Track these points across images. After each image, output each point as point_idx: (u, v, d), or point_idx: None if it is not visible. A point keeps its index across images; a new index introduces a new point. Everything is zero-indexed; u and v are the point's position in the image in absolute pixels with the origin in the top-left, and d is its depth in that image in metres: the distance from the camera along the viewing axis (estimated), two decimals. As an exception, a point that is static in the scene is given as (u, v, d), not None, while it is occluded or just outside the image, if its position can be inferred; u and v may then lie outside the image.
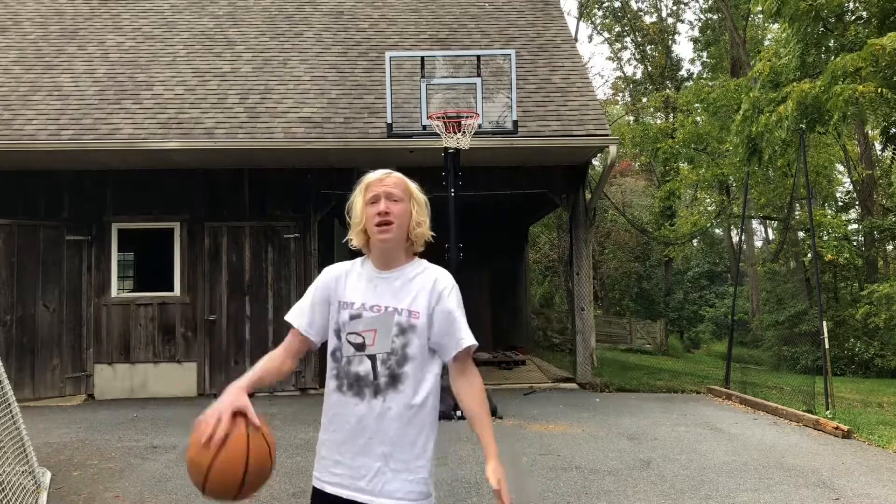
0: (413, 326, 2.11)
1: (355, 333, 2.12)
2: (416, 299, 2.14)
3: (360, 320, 2.12)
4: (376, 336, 2.10)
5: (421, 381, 2.10)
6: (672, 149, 20.24)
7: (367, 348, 2.10)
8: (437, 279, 2.18)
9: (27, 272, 9.63)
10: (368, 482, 2.05)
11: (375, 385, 2.07)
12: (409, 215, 2.16)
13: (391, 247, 2.16)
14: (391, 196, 2.14)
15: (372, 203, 2.14)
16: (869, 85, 9.95)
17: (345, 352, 2.12)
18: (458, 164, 8.15)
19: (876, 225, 18.97)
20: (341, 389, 2.11)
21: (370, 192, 2.16)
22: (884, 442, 6.76)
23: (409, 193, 2.19)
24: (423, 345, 2.11)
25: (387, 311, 2.12)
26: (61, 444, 6.72)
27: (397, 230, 2.13)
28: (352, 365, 2.10)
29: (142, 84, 10.64)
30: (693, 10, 43.16)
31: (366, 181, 2.21)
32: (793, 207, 20.90)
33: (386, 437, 2.05)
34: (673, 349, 26.20)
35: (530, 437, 6.87)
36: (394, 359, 2.09)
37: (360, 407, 2.07)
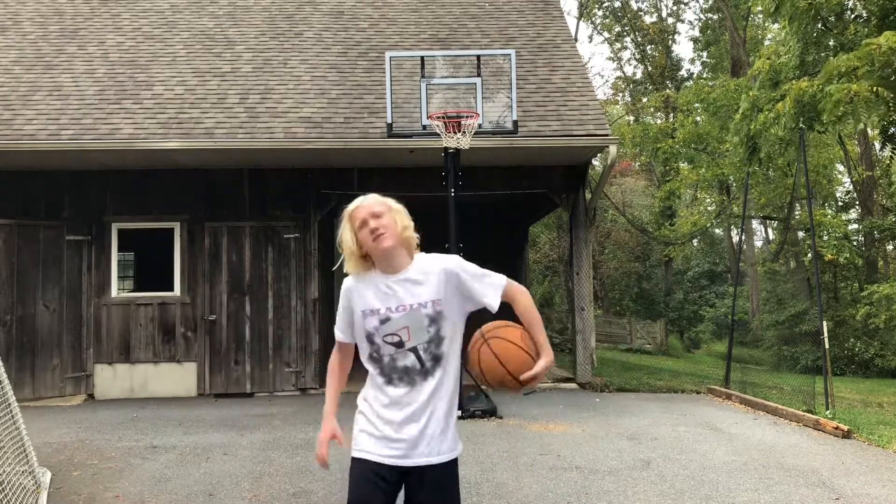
0: (440, 313, 2.44)
1: (391, 334, 2.44)
2: (433, 289, 2.45)
3: (391, 322, 2.44)
4: (410, 332, 2.43)
5: (456, 354, 2.50)
6: (672, 149, 20.24)
7: (405, 344, 2.43)
8: (442, 266, 2.50)
9: (27, 272, 9.64)
10: (426, 446, 2.42)
11: (424, 370, 2.43)
12: (395, 223, 2.46)
13: (392, 252, 2.45)
14: (375, 214, 2.45)
15: (361, 228, 2.45)
16: (863, 84, 9.95)
17: (385, 351, 2.45)
18: (458, 164, 8.15)
19: (876, 225, 18.98)
20: (392, 383, 2.44)
21: (356, 220, 2.47)
22: (884, 442, 6.76)
23: (387, 206, 2.50)
24: (452, 323, 2.47)
25: (412, 308, 2.44)
26: (61, 444, 6.72)
27: (391, 237, 2.43)
28: (397, 361, 2.44)
29: (142, 84, 10.64)
30: (693, 10, 43.22)
31: (347, 214, 2.51)
32: (793, 207, 20.90)
33: (439, 409, 2.44)
34: (673, 349, 26.21)
35: (530, 437, 6.87)
36: (433, 344, 2.43)
37: (414, 391, 2.43)
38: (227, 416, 8.32)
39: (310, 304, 10.14)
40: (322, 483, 5.34)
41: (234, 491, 5.19)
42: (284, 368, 10.05)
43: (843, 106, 10.04)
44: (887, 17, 11.75)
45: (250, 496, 5.07)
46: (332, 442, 2.57)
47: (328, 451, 2.57)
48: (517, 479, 5.39)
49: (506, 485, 5.25)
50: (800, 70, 12.47)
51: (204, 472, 5.73)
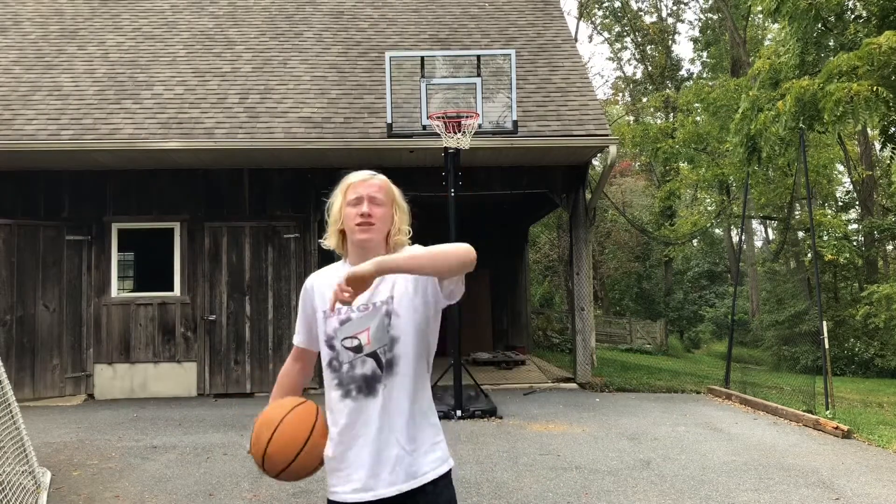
0: (394, 310, 2.08)
1: (349, 337, 2.09)
2: (395, 284, 2.09)
3: (351, 323, 2.09)
4: (370, 334, 2.07)
5: (416, 357, 2.09)
6: (672, 149, 20.23)
7: (364, 348, 2.08)
8: None
9: (27, 272, 9.64)
10: (391, 472, 2.04)
11: (381, 378, 2.07)
12: (390, 220, 2.14)
13: (370, 247, 2.10)
14: (374, 200, 2.11)
15: (354, 204, 2.11)
16: (863, 84, 9.95)
17: (343, 358, 2.09)
18: (458, 164, 8.15)
19: (876, 225, 18.98)
20: (351, 395, 2.07)
21: (353, 193, 2.12)
22: (884, 442, 6.76)
23: (392, 198, 2.17)
24: (405, 321, 2.08)
25: (374, 307, 2.08)
26: (61, 444, 6.72)
27: (377, 232, 2.11)
28: (356, 369, 2.08)
29: (142, 84, 10.64)
30: (693, 10, 43.23)
31: (348, 181, 2.16)
32: (793, 207, 20.91)
33: (397, 423, 2.05)
34: (673, 349, 26.22)
35: (530, 437, 6.87)
36: (387, 345, 2.07)
37: (376, 403, 2.05)
38: (227, 416, 8.33)
39: (310, 304, 10.12)
40: (322, 483, 5.32)
41: (234, 491, 5.19)
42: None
43: (843, 105, 10.04)
44: (887, 17, 11.75)
45: (250, 496, 5.07)
46: None
47: None
48: (517, 479, 5.39)
49: (506, 485, 5.25)
50: (800, 70, 12.46)
51: (204, 472, 5.73)
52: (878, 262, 22.31)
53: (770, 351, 22.18)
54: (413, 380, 2.08)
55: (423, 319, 2.11)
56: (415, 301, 2.09)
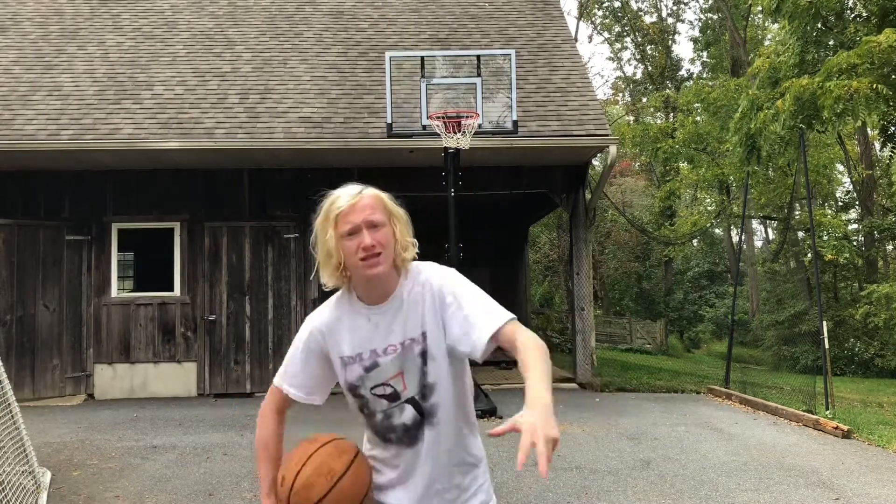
0: (427, 350, 1.85)
1: (382, 385, 1.85)
2: (420, 318, 1.84)
3: (380, 369, 1.84)
4: (405, 378, 1.84)
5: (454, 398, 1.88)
6: (672, 149, 20.24)
7: (402, 395, 1.84)
8: (429, 285, 1.86)
9: (27, 272, 9.64)
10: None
11: (425, 423, 1.86)
12: (394, 240, 1.82)
13: (382, 280, 1.83)
14: (371, 224, 1.78)
15: (350, 236, 1.78)
16: (863, 81, 9.95)
17: (376, 407, 1.87)
18: (458, 164, 8.15)
19: (876, 225, 18.97)
20: (388, 440, 1.89)
21: (345, 224, 1.78)
22: (884, 442, 6.76)
23: (388, 213, 1.83)
24: (440, 364, 1.85)
25: (403, 346, 1.83)
26: (61, 444, 6.72)
27: (387, 260, 1.80)
28: (393, 418, 1.86)
29: (142, 84, 10.64)
30: (693, 10, 43.23)
31: (334, 210, 1.81)
32: (793, 207, 20.90)
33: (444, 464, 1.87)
34: (673, 349, 26.22)
35: (530, 437, 6.86)
36: (429, 388, 1.85)
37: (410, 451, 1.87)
38: (227, 416, 8.32)
39: (310, 304, 10.14)
40: (322, 483, 5.34)
41: (234, 491, 5.19)
42: (284, 368, 10.03)
43: (842, 103, 10.05)
44: (887, 17, 11.75)
45: (250, 496, 5.07)
46: None
47: None
48: (517, 479, 5.39)
49: (506, 485, 5.25)
50: (799, 69, 12.47)
51: (204, 472, 5.73)
52: (878, 262, 22.30)
53: (770, 351, 22.18)
54: (455, 426, 1.88)
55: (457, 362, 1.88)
56: (446, 343, 1.84)
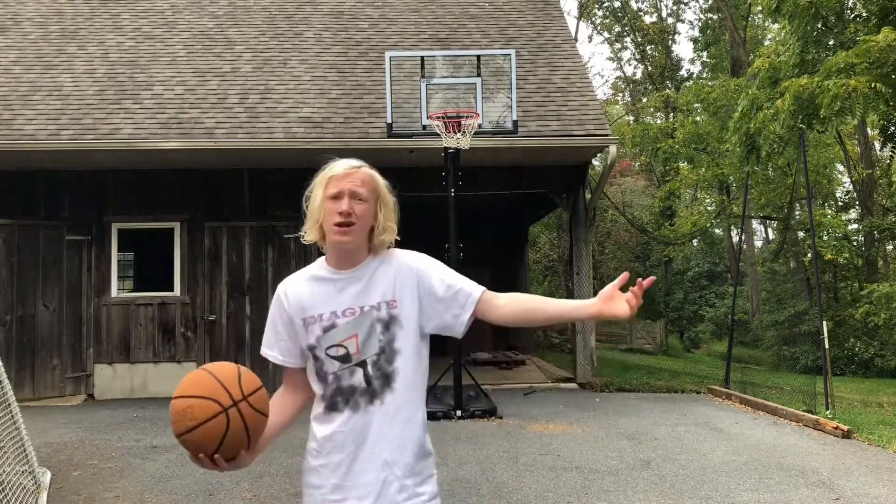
0: (394, 317, 1.92)
1: (335, 346, 1.91)
2: (389, 288, 1.94)
3: (336, 330, 1.92)
4: (358, 341, 1.91)
5: (413, 373, 1.94)
6: (672, 149, 20.22)
7: (353, 357, 1.91)
8: (402, 261, 1.98)
9: (27, 272, 9.64)
10: (377, 497, 1.88)
11: (370, 391, 1.90)
12: (373, 218, 1.94)
13: (350, 248, 1.94)
14: (356, 195, 1.90)
15: (333, 199, 1.90)
16: (861, 79, 9.96)
17: (328, 368, 1.92)
18: (458, 164, 8.15)
19: (876, 225, 18.95)
20: (336, 408, 1.91)
21: (333, 187, 1.91)
22: (884, 442, 6.76)
23: (376, 193, 1.95)
24: (408, 334, 1.93)
25: (363, 311, 1.92)
26: (61, 444, 6.72)
27: (358, 233, 1.92)
28: (342, 380, 1.91)
29: (142, 84, 10.64)
30: (693, 10, 43.22)
31: (329, 172, 1.94)
32: (793, 207, 20.89)
33: (389, 444, 1.89)
34: (673, 349, 26.22)
35: (530, 437, 6.87)
36: (383, 357, 1.91)
37: (356, 418, 1.89)
38: (227, 416, 8.31)
39: (310, 304, 10.13)
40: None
41: (234, 491, 5.19)
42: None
43: (840, 101, 10.05)
44: (887, 17, 11.75)
45: (250, 496, 5.07)
46: None
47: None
48: (517, 479, 5.39)
49: (506, 485, 5.25)
50: (799, 69, 12.46)
51: (204, 472, 5.72)
52: (878, 262, 22.29)
53: (770, 351, 22.15)
54: (413, 399, 1.94)
55: (422, 337, 1.97)
56: (420, 316, 1.95)
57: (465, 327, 1.97)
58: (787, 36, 13.22)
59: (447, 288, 1.95)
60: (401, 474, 1.90)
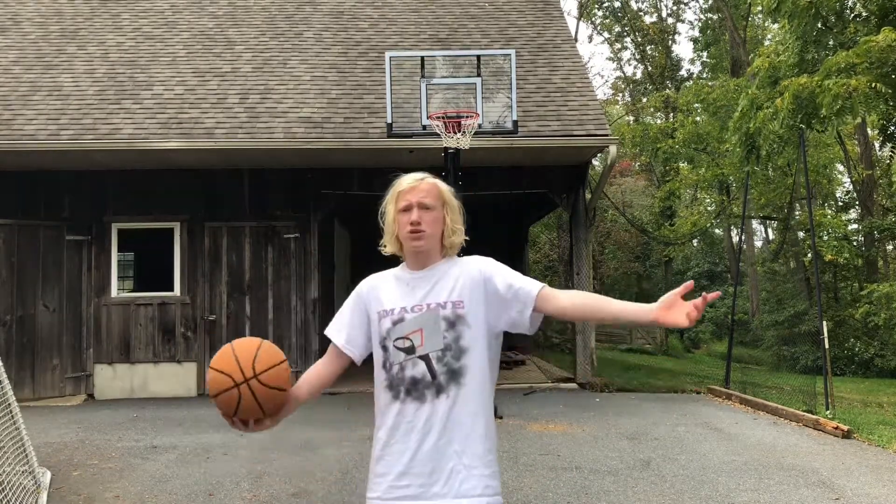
0: (461, 317, 2.06)
1: (402, 338, 2.06)
2: (455, 289, 2.09)
3: (404, 324, 2.07)
4: (423, 335, 2.05)
5: (482, 371, 2.07)
6: (672, 149, 20.22)
7: (417, 350, 2.04)
8: (470, 264, 2.15)
9: (27, 272, 9.64)
10: (443, 485, 1.99)
11: (437, 385, 2.02)
12: (442, 222, 2.14)
13: (425, 252, 2.13)
14: (423, 205, 2.10)
15: (404, 211, 2.11)
16: (861, 79, 9.96)
17: (394, 359, 2.06)
18: (458, 164, 8.15)
19: (876, 225, 18.95)
20: (399, 398, 2.04)
21: (403, 201, 2.12)
22: (884, 442, 6.76)
23: (441, 200, 2.15)
24: (476, 334, 2.07)
25: (429, 308, 2.07)
26: (61, 444, 6.72)
27: (430, 238, 2.11)
28: (405, 370, 2.04)
29: (142, 84, 10.64)
30: (693, 10, 43.22)
31: (397, 188, 2.15)
32: (793, 207, 20.89)
33: (457, 435, 2.01)
34: (673, 349, 26.20)
35: (530, 437, 6.87)
36: (450, 354, 2.04)
37: (423, 410, 2.02)
38: (227, 416, 8.31)
39: (310, 304, 10.14)
40: (322, 483, 5.35)
41: (234, 491, 5.19)
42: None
43: (840, 100, 10.06)
44: (887, 17, 11.76)
45: (250, 496, 5.07)
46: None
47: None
48: (517, 479, 5.39)
49: (506, 485, 5.25)
50: (799, 68, 12.46)
51: (204, 472, 5.73)
52: (878, 262, 22.28)
53: (770, 351, 22.14)
54: (480, 395, 2.06)
55: (495, 336, 2.13)
56: (488, 315, 2.09)
57: (530, 322, 2.08)
58: (786, 36, 13.22)
59: (508, 287, 2.09)
60: (470, 463, 2.01)
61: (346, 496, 5.06)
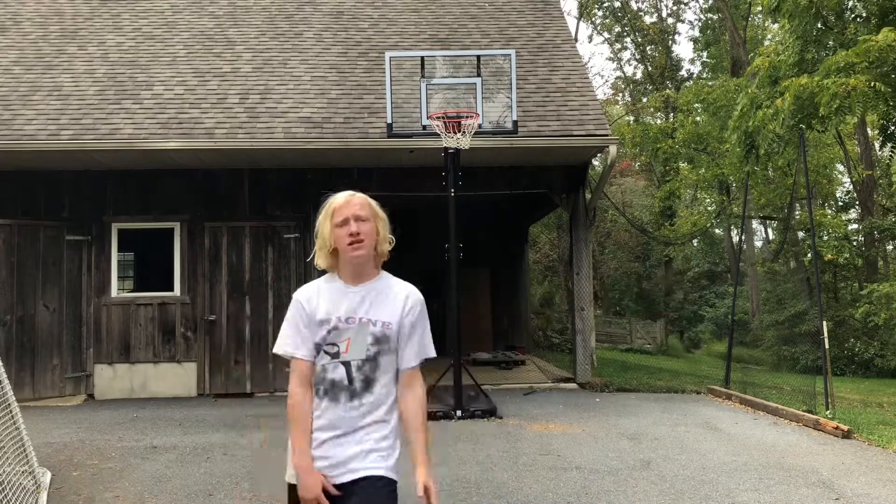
0: (387, 337, 2.33)
1: (331, 344, 2.32)
2: (389, 312, 2.35)
3: (337, 332, 2.32)
4: (350, 344, 2.31)
5: (389, 385, 2.36)
6: (672, 149, 20.22)
7: (340, 355, 2.30)
8: (407, 295, 2.40)
9: (27, 272, 9.63)
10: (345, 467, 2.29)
11: (351, 390, 2.30)
12: (375, 233, 2.36)
13: (363, 262, 2.36)
14: (359, 217, 2.33)
15: (341, 225, 2.33)
16: (861, 78, 9.96)
17: (322, 361, 2.33)
18: (458, 164, 8.15)
19: (876, 225, 18.95)
20: (318, 395, 2.33)
21: (339, 216, 2.34)
22: (884, 442, 6.76)
23: (373, 213, 2.38)
24: (392, 353, 2.35)
25: (361, 322, 2.32)
26: (61, 444, 6.72)
27: (368, 247, 2.34)
28: (327, 372, 2.31)
29: (142, 84, 10.64)
30: (693, 10, 43.18)
31: (332, 206, 2.38)
32: (793, 207, 20.88)
33: (363, 436, 2.29)
34: (673, 349, 26.23)
35: (530, 437, 6.87)
36: (368, 365, 2.31)
37: (337, 409, 2.30)
38: (227, 416, 8.32)
39: (310, 304, 10.12)
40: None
41: (234, 491, 5.19)
42: (285, 368, 10.00)
43: (839, 99, 10.06)
44: (887, 16, 11.76)
45: (250, 496, 5.07)
46: None
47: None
48: (517, 479, 5.39)
49: (506, 485, 5.25)
50: (798, 68, 12.46)
51: (204, 472, 5.73)
52: (879, 262, 22.28)
53: (770, 351, 22.15)
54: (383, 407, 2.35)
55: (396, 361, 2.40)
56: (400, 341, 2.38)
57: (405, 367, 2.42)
58: (786, 35, 13.21)
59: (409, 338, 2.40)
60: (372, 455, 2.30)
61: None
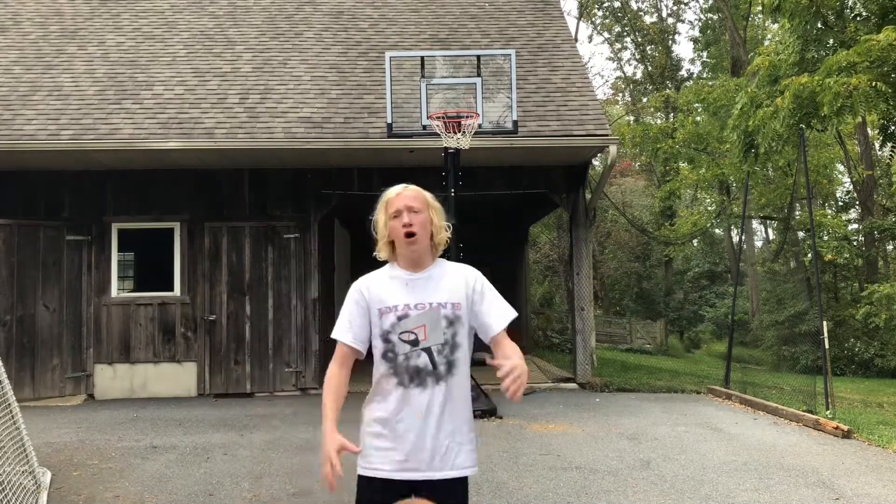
0: (458, 317, 2.39)
1: (407, 332, 2.36)
2: (453, 293, 2.41)
3: (409, 319, 2.36)
4: (427, 330, 2.35)
5: (467, 364, 2.43)
6: (672, 149, 20.22)
7: (420, 343, 2.35)
8: (466, 272, 2.49)
9: (27, 272, 9.63)
10: (440, 460, 2.33)
11: (436, 374, 2.35)
12: (430, 223, 2.43)
13: (420, 252, 2.42)
14: (412, 209, 2.39)
15: (395, 217, 2.39)
16: (862, 77, 9.96)
17: (399, 350, 2.36)
18: (458, 164, 8.15)
19: (876, 225, 18.95)
20: (403, 384, 2.35)
21: (392, 208, 2.41)
22: (884, 442, 6.75)
23: (426, 204, 2.44)
24: (466, 332, 2.41)
25: (432, 306, 2.38)
26: (61, 444, 6.72)
27: (423, 238, 2.40)
28: (410, 360, 2.35)
29: (142, 84, 10.64)
30: (693, 10, 43.20)
31: (386, 198, 2.44)
32: (793, 207, 20.88)
33: (452, 417, 2.36)
34: (673, 349, 26.23)
35: (530, 437, 6.87)
36: (448, 348, 2.37)
37: (424, 395, 2.33)
38: (227, 416, 8.32)
39: (310, 304, 10.14)
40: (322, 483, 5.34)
41: (234, 491, 5.19)
42: (284, 368, 10.05)
43: (841, 99, 10.06)
44: (887, 16, 11.76)
45: (250, 496, 5.07)
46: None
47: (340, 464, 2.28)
48: (517, 479, 5.39)
49: (506, 485, 5.25)
50: (799, 67, 12.46)
51: (204, 472, 5.73)
52: (879, 262, 22.28)
53: (770, 351, 22.15)
54: (466, 384, 2.43)
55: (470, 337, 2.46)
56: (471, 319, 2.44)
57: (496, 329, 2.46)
58: (786, 34, 13.21)
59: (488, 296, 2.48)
60: (461, 440, 2.38)
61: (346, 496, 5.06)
